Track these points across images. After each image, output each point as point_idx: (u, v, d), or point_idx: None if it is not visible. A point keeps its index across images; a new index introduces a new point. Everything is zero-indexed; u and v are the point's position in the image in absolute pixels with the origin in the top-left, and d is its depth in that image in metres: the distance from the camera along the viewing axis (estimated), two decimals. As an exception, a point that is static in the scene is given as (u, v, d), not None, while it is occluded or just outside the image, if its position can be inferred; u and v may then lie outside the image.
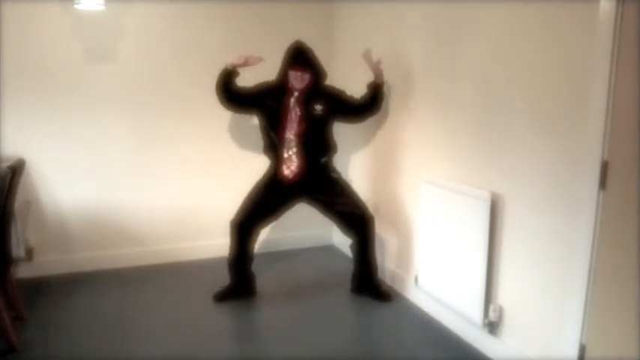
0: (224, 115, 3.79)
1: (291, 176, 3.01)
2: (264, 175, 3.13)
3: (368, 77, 3.44)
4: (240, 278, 3.13)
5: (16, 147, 3.30)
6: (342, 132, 4.00)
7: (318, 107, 3.02)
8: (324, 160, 3.10)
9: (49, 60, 3.35)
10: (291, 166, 3.00)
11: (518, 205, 2.31)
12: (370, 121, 3.52)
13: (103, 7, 3.26)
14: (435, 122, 2.85)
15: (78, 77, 3.43)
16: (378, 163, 3.51)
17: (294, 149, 2.99)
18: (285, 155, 3.01)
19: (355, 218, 3.08)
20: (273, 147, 3.06)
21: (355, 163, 3.83)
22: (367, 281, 3.18)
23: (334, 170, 3.18)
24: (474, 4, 2.49)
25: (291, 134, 2.99)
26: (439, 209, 2.76)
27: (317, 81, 3.04)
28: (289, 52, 3.01)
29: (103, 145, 3.55)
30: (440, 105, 2.80)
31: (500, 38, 2.36)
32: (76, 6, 3.19)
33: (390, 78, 3.22)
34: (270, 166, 3.12)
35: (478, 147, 2.53)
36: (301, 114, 2.99)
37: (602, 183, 1.90)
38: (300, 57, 2.98)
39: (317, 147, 3.07)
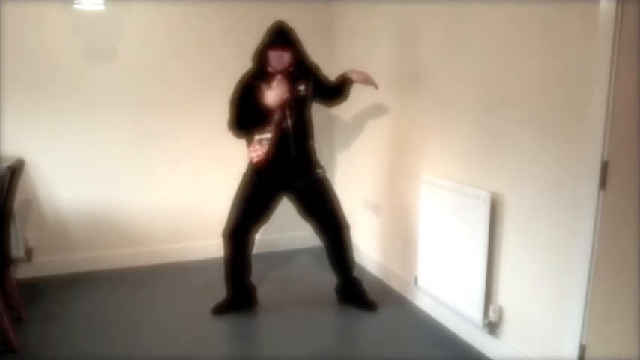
0: (224, 115, 3.79)
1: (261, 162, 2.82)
2: (245, 175, 2.94)
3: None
4: (239, 291, 3.02)
5: (16, 147, 3.30)
6: (342, 132, 4.01)
7: (302, 87, 2.85)
8: (310, 144, 2.93)
9: (49, 60, 3.35)
10: (258, 151, 2.82)
11: (518, 205, 2.31)
12: (371, 122, 3.53)
13: (102, 7, 3.26)
14: (436, 122, 2.85)
15: (78, 77, 3.43)
16: (379, 163, 3.51)
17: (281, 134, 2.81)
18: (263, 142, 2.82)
19: (332, 223, 2.97)
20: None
21: (356, 164, 3.83)
22: (351, 291, 3.10)
23: (319, 165, 2.99)
24: (474, 4, 2.49)
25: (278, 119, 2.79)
26: (439, 209, 2.75)
27: (298, 61, 2.83)
28: (269, 31, 2.81)
29: (103, 146, 3.55)
30: (440, 105, 2.80)
31: (500, 38, 2.36)
32: (75, 6, 3.19)
33: (390, 78, 3.23)
34: (251, 162, 2.90)
35: (478, 147, 2.53)
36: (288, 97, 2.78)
37: (602, 183, 1.89)
38: (280, 36, 2.78)
39: (302, 131, 2.89)
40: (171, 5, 3.56)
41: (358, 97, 3.64)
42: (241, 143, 3.46)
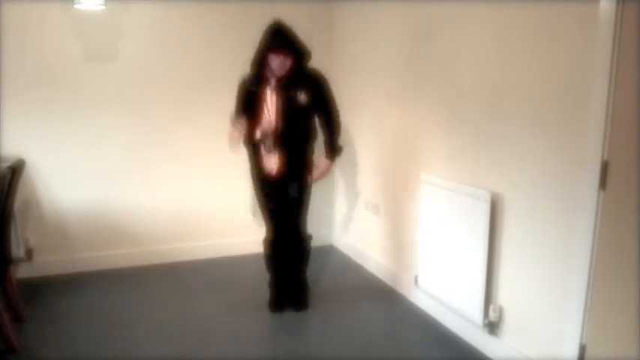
0: (224, 116, 3.78)
1: (273, 173, 2.85)
2: (254, 181, 2.96)
3: (367, 79, 3.45)
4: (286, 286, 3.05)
5: (16, 147, 3.30)
6: (342, 132, 4.00)
7: (302, 96, 2.73)
8: (307, 147, 2.87)
9: (49, 60, 3.35)
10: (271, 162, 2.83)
11: (519, 205, 2.31)
12: (370, 122, 3.53)
13: (102, 7, 3.26)
14: (436, 122, 2.85)
15: (78, 77, 3.43)
16: (379, 163, 3.51)
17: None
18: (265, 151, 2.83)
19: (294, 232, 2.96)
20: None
21: (356, 163, 3.83)
22: (289, 294, 3.06)
23: (312, 170, 2.95)
24: (473, 4, 2.49)
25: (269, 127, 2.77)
26: (439, 209, 2.76)
27: (300, 64, 2.73)
28: (268, 32, 2.69)
29: (103, 145, 3.55)
30: (440, 105, 2.80)
31: (500, 38, 2.36)
32: (76, 6, 3.19)
33: (389, 78, 3.23)
34: (253, 161, 2.94)
35: (478, 147, 2.53)
36: (280, 104, 2.72)
37: (602, 183, 1.90)
38: (282, 38, 2.65)
39: (301, 136, 2.82)
40: (172, 5, 3.56)
41: (359, 96, 3.64)
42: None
